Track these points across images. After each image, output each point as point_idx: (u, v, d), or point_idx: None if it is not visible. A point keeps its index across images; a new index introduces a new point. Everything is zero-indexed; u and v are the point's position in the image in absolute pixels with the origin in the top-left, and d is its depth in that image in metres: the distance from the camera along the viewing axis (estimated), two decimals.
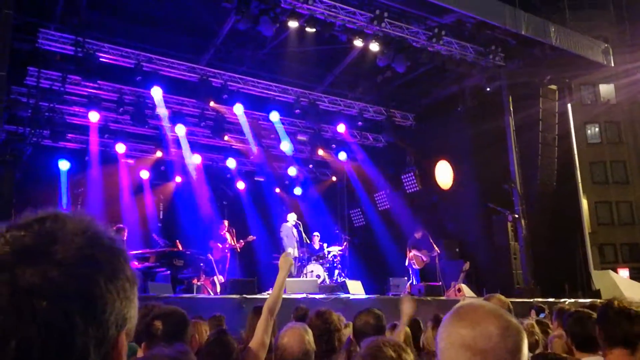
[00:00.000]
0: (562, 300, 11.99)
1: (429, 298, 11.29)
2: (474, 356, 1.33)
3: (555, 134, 15.17)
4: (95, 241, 0.84)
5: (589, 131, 31.50)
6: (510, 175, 14.32)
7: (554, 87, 15.34)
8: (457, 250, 14.75)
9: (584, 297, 12.80)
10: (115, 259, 0.86)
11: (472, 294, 12.25)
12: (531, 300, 11.48)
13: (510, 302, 5.47)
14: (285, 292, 10.92)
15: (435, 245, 13.78)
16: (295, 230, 13.65)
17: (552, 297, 12.24)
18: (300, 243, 13.78)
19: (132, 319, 0.87)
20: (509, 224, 14.10)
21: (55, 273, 0.77)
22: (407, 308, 4.24)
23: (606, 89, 31.59)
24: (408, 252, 14.13)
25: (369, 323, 3.56)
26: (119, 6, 12.39)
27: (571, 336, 3.40)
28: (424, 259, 13.90)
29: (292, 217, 13.78)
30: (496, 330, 1.35)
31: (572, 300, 12.14)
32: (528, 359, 1.41)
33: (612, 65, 14.88)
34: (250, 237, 14.15)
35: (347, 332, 4.97)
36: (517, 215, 14.02)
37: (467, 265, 13.37)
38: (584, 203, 19.62)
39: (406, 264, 14.19)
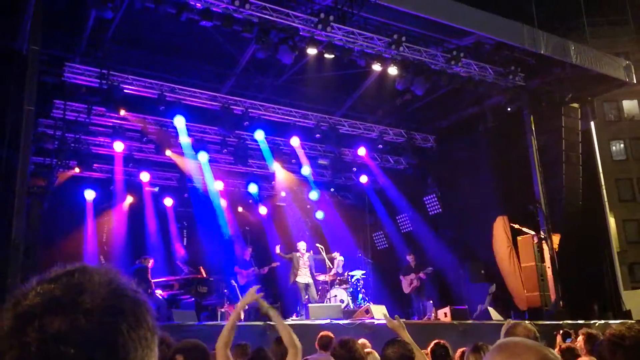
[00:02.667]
0: (592, 322, 11.74)
1: (455, 322, 11.14)
2: None
3: (579, 152, 14.99)
4: (119, 292, 0.89)
5: (614, 148, 31.07)
6: (534, 195, 14.14)
7: (575, 105, 15.20)
8: (483, 272, 14.55)
9: (615, 318, 12.51)
10: (138, 309, 0.90)
11: (499, 317, 12.04)
12: (560, 322, 11.26)
13: (539, 324, 5.39)
14: (308, 318, 10.94)
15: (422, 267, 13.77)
16: (309, 255, 13.56)
17: (582, 319, 11.98)
18: (323, 268, 13.75)
19: None
20: (535, 245, 13.89)
21: (82, 322, 0.82)
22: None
23: (630, 105, 31.24)
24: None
25: (399, 354, 3.53)
26: (141, 38, 12.69)
27: None
28: (409, 283, 13.78)
29: (301, 246, 13.71)
30: None
31: (602, 321, 11.88)
32: None
33: (635, 81, 14.72)
34: (274, 264, 14.19)
35: (371, 358, 4.92)
36: (543, 236, 13.81)
37: (493, 288, 13.20)
38: (611, 221, 19.29)
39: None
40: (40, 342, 0.80)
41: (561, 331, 8.12)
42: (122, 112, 13.22)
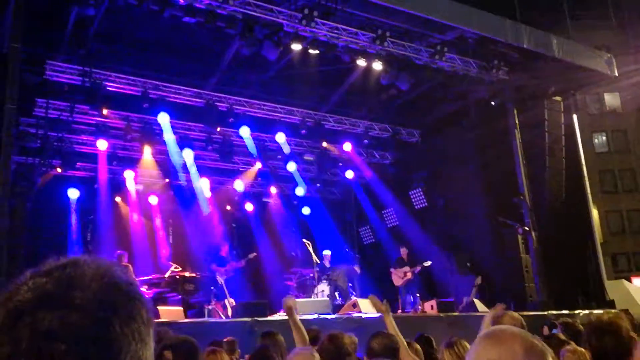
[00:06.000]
0: (576, 312, 11.90)
1: (441, 314, 11.22)
2: None
3: (562, 145, 15.16)
4: (112, 286, 0.88)
5: (596, 140, 31.39)
6: (518, 188, 14.29)
7: (558, 98, 15.36)
8: (469, 264, 14.67)
9: (598, 308, 12.68)
10: (131, 303, 0.89)
11: (484, 309, 12.15)
12: (545, 313, 11.39)
13: (524, 315, 5.47)
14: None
15: (417, 262, 13.84)
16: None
17: (566, 309, 12.13)
18: (311, 263, 13.76)
19: None
20: (520, 237, 14.04)
21: (74, 317, 0.81)
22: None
23: (611, 98, 31.56)
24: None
25: (384, 345, 3.56)
26: (124, 35, 12.58)
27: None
28: (400, 275, 13.84)
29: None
30: (520, 349, 1.43)
31: (587, 311, 12.04)
32: None
33: (616, 75, 14.90)
34: (251, 255, 14.07)
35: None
36: (527, 228, 13.96)
37: (479, 280, 13.30)
38: (594, 213, 19.53)
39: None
40: (31, 339, 0.79)
41: (547, 322, 8.23)
42: (105, 112, 13.10)
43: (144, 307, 0.91)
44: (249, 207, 17.61)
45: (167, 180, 15.92)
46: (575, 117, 15.59)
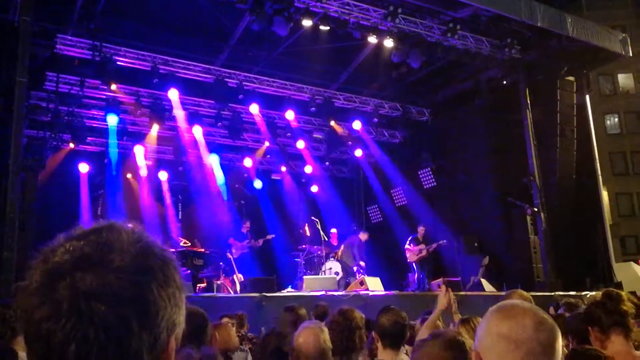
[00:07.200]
0: (584, 293, 11.91)
1: None
2: (509, 345, 1.46)
3: (574, 126, 15.00)
4: (148, 251, 0.90)
5: (608, 122, 31.13)
6: (528, 169, 14.21)
7: (571, 78, 15.17)
8: (476, 244, 14.68)
9: None
10: (167, 267, 0.91)
11: (492, 288, 12.21)
12: (552, 294, 11.42)
13: (532, 296, 5.48)
14: (303, 289, 11.05)
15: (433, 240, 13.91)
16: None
17: (574, 291, 12.15)
18: (319, 240, 13.84)
19: (180, 324, 0.92)
20: (529, 218, 14.00)
21: (113, 279, 0.82)
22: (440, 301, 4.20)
23: (625, 79, 31.20)
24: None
25: (393, 321, 3.58)
26: (134, 10, 12.48)
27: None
28: (415, 252, 13.85)
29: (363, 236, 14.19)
30: (531, 323, 1.47)
31: (594, 293, 12.04)
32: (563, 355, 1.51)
33: (630, 55, 14.68)
34: (269, 236, 14.25)
35: None
36: (536, 209, 13.89)
37: (486, 260, 13.33)
38: (604, 195, 19.44)
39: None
40: (71, 299, 0.80)
41: (553, 303, 8.25)
42: (113, 87, 13.08)
43: (177, 272, 0.93)
44: (257, 184, 17.67)
45: (176, 155, 15.96)
46: (587, 97, 15.41)
